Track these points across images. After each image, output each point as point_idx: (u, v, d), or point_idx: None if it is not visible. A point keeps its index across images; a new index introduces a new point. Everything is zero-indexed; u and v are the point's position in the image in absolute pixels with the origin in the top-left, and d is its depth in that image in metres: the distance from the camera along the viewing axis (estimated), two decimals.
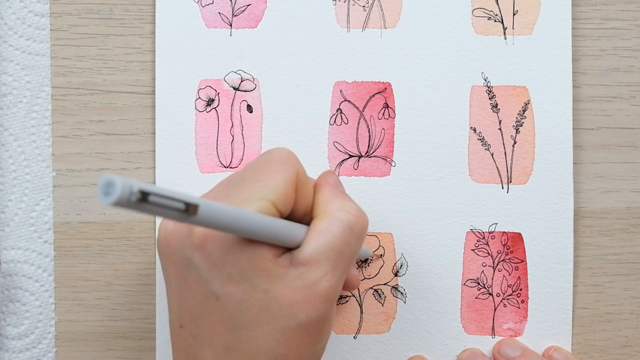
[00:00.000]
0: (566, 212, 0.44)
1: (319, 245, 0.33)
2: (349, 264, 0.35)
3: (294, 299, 0.33)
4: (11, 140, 0.44)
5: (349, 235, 0.34)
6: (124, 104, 0.44)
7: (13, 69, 0.44)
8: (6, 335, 0.44)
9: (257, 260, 0.32)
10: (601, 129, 0.45)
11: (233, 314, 0.33)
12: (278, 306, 0.32)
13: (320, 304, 0.33)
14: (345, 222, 0.34)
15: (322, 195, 0.36)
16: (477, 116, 0.45)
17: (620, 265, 0.45)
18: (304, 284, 0.33)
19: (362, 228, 0.35)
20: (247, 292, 0.32)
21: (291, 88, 0.44)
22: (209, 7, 0.44)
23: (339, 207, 0.35)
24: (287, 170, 0.34)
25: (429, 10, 0.45)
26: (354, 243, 0.35)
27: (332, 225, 0.34)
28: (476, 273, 0.45)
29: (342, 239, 0.34)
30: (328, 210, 0.35)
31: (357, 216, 0.35)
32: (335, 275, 0.34)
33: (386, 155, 0.45)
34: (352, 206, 0.35)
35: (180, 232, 0.34)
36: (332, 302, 0.34)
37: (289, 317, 0.33)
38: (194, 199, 0.27)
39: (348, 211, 0.35)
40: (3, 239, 0.44)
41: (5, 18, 0.44)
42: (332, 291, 0.34)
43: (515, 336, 0.44)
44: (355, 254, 0.35)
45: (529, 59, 0.45)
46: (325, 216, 0.35)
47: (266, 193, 0.33)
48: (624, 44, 0.45)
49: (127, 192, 0.24)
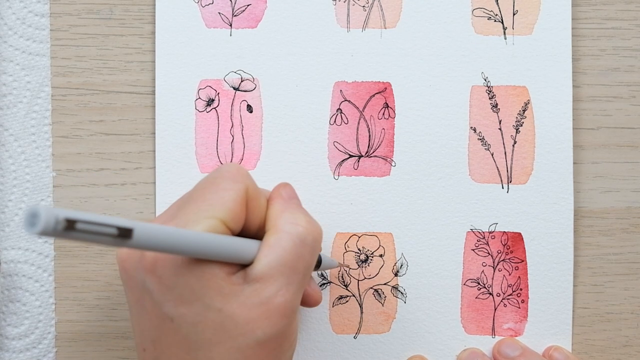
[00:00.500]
0: (566, 212, 0.44)
1: (270, 260, 0.33)
2: (304, 277, 0.34)
3: (249, 316, 0.32)
4: (11, 140, 0.44)
5: (301, 248, 0.34)
6: (124, 104, 0.44)
7: (13, 69, 0.44)
8: (6, 335, 0.44)
9: (207, 280, 0.32)
10: (601, 129, 0.45)
11: (188, 335, 0.33)
12: (233, 325, 0.32)
13: (278, 319, 0.33)
14: (295, 235, 0.34)
15: (272, 209, 0.36)
16: (477, 116, 0.45)
17: (620, 265, 0.45)
18: (259, 300, 0.33)
19: (314, 240, 0.35)
20: (201, 312, 0.32)
21: (291, 88, 0.44)
22: (209, 7, 0.44)
23: (289, 220, 0.35)
24: (235, 187, 0.34)
25: (429, 10, 0.45)
26: (307, 256, 0.34)
27: (281, 239, 0.34)
28: (476, 273, 0.45)
29: (294, 253, 0.34)
30: (278, 224, 0.35)
31: (307, 228, 0.35)
32: (291, 289, 0.33)
33: (386, 155, 0.45)
34: (303, 218, 0.35)
35: (134, 257, 0.34)
36: (290, 316, 0.34)
37: (246, 335, 0.32)
38: (128, 223, 0.27)
39: (298, 224, 0.34)
40: (3, 239, 0.44)
41: (5, 18, 0.44)
42: (289, 306, 0.33)
43: (515, 336, 0.44)
44: (310, 266, 0.35)
45: (529, 59, 0.45)
46: (275, 230, 0.34)
47: (214, 211, 0.33)
48: (624, 44, 0.45)
49: (52, 221, 0.24)
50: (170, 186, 0.44)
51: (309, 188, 0.44)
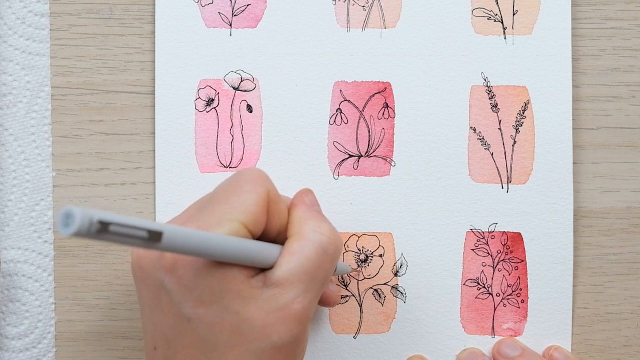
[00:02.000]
0: (566, 212, 0.44)
1: (291, 267, 0.33)
2: (322, 286, 0.35)
3: (266, 320, 0.33)
4: (11, 140, 0.44)
5: (322, 258, 0.34)
6: (124, 104, 0.44)
7: (13, 69, 0.44)
8: (6, 335, 0.44)
9: (228, 283, 0.32)
10: (601, 129, 0.45)
11: (205, 337, 0.33)
12: (250, 328, 0.32)
13: (294, 325, 0.33)
14: (319, 244, 0.34)
15: (296, 215, 0.36)
16: (477, 116, 0.45)
17: (620, 265, 0.45)
18: (277, 305, 0.33)
19: (335, 250, 0.35)
20: (219, 314, 0.32)
21: (291, 88, 0.44)
22: (209, 7, 0.44)
23: (313, 229, 0.35)
24: (257, 191, 0.34)
25: (429, 10, 0.45)
26: (328, 265, 0.35)
27: (305, 247, 0.34)
28: (476, 273, 0.45)
29: (315, 261, 0.34)
30: (302, 231, 0.35)
31: (331, 238, 0.35)
32: (308, 297, 0.34)
33: (386, 155, 0.45)
34: (327, 227, 0.35)
35: (152, 256, 0.34)
36: (306, 323, 0.34)
37: (262, 339, 0.32)
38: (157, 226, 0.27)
39: (322, 233, 0.35)
40: (3, 239, 0.44)
41: (5, 18, 0.44)
42: (305, 313, 0.34)
43: (515, 336, 0.44)
44: (329, 276, 0.35)
45: (529, 59, 0.45)
46: (299, 237, 0.35)
47: (236, 215, 0.33)
48: (624, 44, 0.45)
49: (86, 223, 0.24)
50: (170, 186, 0.44)
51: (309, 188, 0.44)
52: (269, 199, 0.35)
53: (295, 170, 0.44)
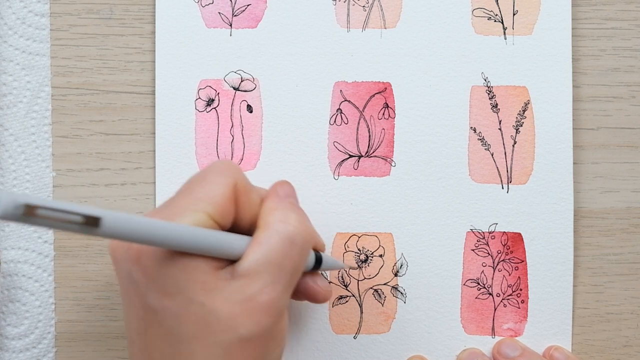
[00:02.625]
0: (566, 212, 0.44)
1: (257, 257, 0.33)
2: (291, 277, 0.34)
3: (232, 312, 0.32)
4: (11, 140, 0.44)
5: (289, 248, 0.34)
6: (124, 104, 0.44)
7: (13, 69, 0.44)
8: (6, 335, 0.44)
9: (191, 273, 0.32)
10: (601, 129, 0.45)
11: (171, 328, 0.32)
12: (216, 320, 0.32)
13: (261, 317, 0.32)
14: (284, 234, 0.34)
15: (265, 206, 0.36)
16: (477, 116, 0.45)
17: (620, 265, 0.45)
18: (243, 297, 0.32)
19: (304, 240, 0.34)
20: (183, 305, 0.32)
21: (291, 88, 0.44)
22: (209, 7, 0.44)
23: (280, 219, 0.34)
24: (224, 182, 0.34)
25: (429, 10, 0.45)
26: (296, 255, 0.34)
27: (271, 237, 0.34)
28: (476, 273, 0.45)
29: (282, 251, 0.33)
30: (268, 221, 0.34)
31: (298, 228, 0.34)
32: (277, 288, 0.33)
33: (386, 155, 0.45)
34: (294, 217, 0.34)
35: (123, 247, 0.34)
36: (275, 316, 0.33)
37: (228, 332, 0.32)
38: (96, 212, 0.27)
39: (289, 222, 0.34)
40: (3, 239, 0.44)
41: (5, 18, 0.44)
42: (274, 305, 0.33)
43: (515, 336, 0.44)
44: (299, 266, 0.35)
45: (529, 59, 0.45)
46: (265, 228, 0.34)
47: (201, 205, 0.33)
48: (624, 44, 0.45)
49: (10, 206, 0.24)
50: (170, 186, 0.44)
51: (309, 188, 0.44)
52: (236, 189, 0.34)
53: (295, 170, 0.44)
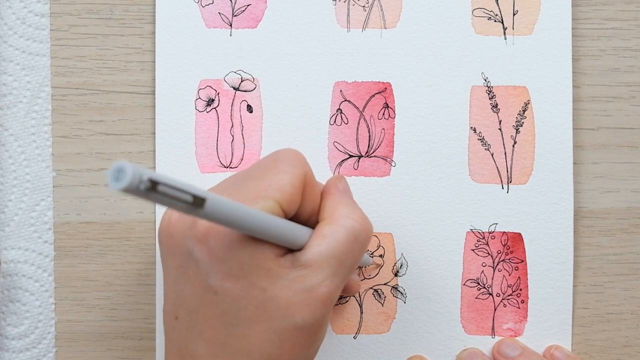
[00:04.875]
0: (566, 212, 0.44)
1: (321, 249, 0.33)
2: (349, 271, 0.35)
3: (291, 300, 0.33)
4: (11, 140, 0.44)
5: (353, 243, 0.34)
6: (124, 104, 0.44)
7: (13, 69, 0.44)
8: (6, 335, 0.44)
9: (258, 259, 0.32)
10: (601, 129, 0.45)
11: (229, 310, 0.33)
12: (275, 306, 0.33)
13: (318, 308, 0.33)
14: (350, 230, 0.34)
15: (330, 199, 0.36)
16: (477, 116, 0.45)
17: (620, 265, 0.45)
18: (304, 286, 0.33)
19: (366, 237, 0.35)
20: (245, 289, 0.32)
21: (291, 88, 0.44)
22: (209, 7, 0.44)
23: (346, 214, 0.35)
24: (294, 171, 0.34)
25: (429, 10, 0.45)
26: (357, 251, 0.35)
27: (336, 231, 0.34)
28: (476, 273, 0.45)
29: (345, 247, 0.34)
30: (334, 215, 0.35)
31: (363, 224, 0.35)
32: (335, 281, 0.34)
33: (386, 155, 0.45)
34: (359, 214, 0.35)
35: (184, 224, 0.34)
36: (329, 307, 0.34)
37: (285, 318, 0.33)
38: (202, 192, 0.27)
39: (354, 219, 0.35)
40: (3, 239, 0.44)
41: (5, 18, 0.44)
42: (330, 297, 0.34)
43: (515, 336, 0.44)
44: (357, 262, 0.35)
45: (529, 59, 0.45)
46: (331, 221, 0.35)
47: (272, 192, 0.33)
48: (624, 44, 0.45)
49: (136, 179, 0.24)
50: None
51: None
52: (305, 180, 0.35)
53: None
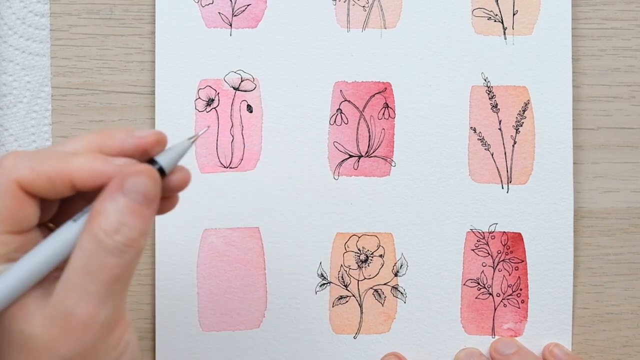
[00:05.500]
0: (566, 212, 0.44)
1: (74, 265, 0.30)
2: (110, 287, 0.30)
3: (51, 334, 0.29)
4: (11, 140, 0.44)
5: (103, 258, 0.29)
6: (124, 104, 0.44)
7: (13, 69, 0.44)
8: None
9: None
10: (601, 129, 0.45)
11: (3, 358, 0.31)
12: (35, 345, 0.30)
13: (81, 334, 0.30)
14: (96, 241, 0.30)
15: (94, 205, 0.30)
16: (477, 116, 0.45)
17: (620, 265, 0.45)
18: (60, 313, 0.29)
19: (120, 248, 0.30)
20: (2, 336, 0.30)
21: (291, 88, 0.44)
22: (209, 7, 0.44)
23: (96, 224, 0.30)
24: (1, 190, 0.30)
25: (429, 10, 0.45)
26: (113, 266, 0.30)
27: (82, 243, 0.30)
28: (476, 273, 0.45)
29: (95, 261, 0.29)
30: (90, 222, 0.30)
31: (112, 234, 0.30)
32: (92, 300, 0.29)
33: (386, 155, 0.45)
34: (115, 222, 0.30)
35: None
36: (96, 330, 0.30)
37: (50, 355, 0.30)
38: None
39: (105, 228, 0.30)
40: None
41: (5, 18, 0.44)
42: (92, 319, 0.30)
43: (515, 336, 0.44)
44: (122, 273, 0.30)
45: (529, 59, 0.45)
46: (85, 229, 0.30)
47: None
48: (624, 44, 0.45)
49: None
50: None
51: (309, 188, 0.44)
52: (22, 185, 0.30)
53: (295, 170, 0.44)
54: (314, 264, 0.44)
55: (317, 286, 0.44)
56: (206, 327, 0.44)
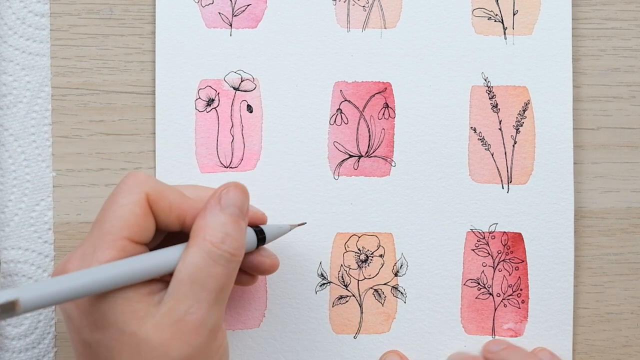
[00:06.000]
0: (566, 212, 0.44)
1: (181, 277, 0.33)
2: (217, 294, 0.33)
3: (163, 337, 0.32)
4: (11, 140, 0.44)
5: (211, 267, 0.33)
6: (124, 104, 0.44)
7: (13, 69, 0.44)
8: (6, 335, 0.44)
9: (120, 305, 0.32)
10: (601, 129, 0.45)
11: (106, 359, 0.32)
12: (148, 347, 0.32)
13: (191, 338, 0.32)
14: (207, 253, 0.33)
15: (200, 216, 0.34)
16: (477, 116, 0.45)
17: (620, 265, 0.45)
18: (172, 319, 0.32)
19: (228, 259, 0.33)
20: (115, 337, 0.32)
21: (291, 88, 0.44)
22: (209, 7, 0.44)
23: (204, 236, 0.33)
24: (133, 199, 0.33)
25: (429, 10, 0.45)
26: (220, 274, 0.33)
27: (192, 255, 0.33)
28: (476, 273, 0.45)
29: (204, 271, 0.33)
30: (195, 236, 0.34)
31: (221, 245, 0.33)
32: (203, 307, 0.32)
33: (386, 155, 0.45)
34: (220, 234, 0.33)
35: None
36: (206, 335, 0.33)
37: (161, 357, 0.32)
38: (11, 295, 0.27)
39: (212, 240, 0.33)
40: (3, 239, 0.44)
41: (5, 18, 0.44)
42: (202, 324, 0.33)
43: (515, 336, 0.44)
44: (225, 284, 0.34)
45: (529, 59, 0.45)
46: (191, 243, 0.33)
47: (116, 232, 0.33)
48: (624, 44, 0.45)
49: None
50: None
51: (309, 188, 0.44)
52: (149, 201, 0.34)
53: (295, 170, 0.44)
54: (314, 264, 0.44)
55: (317, 286, 0.44)
56: None
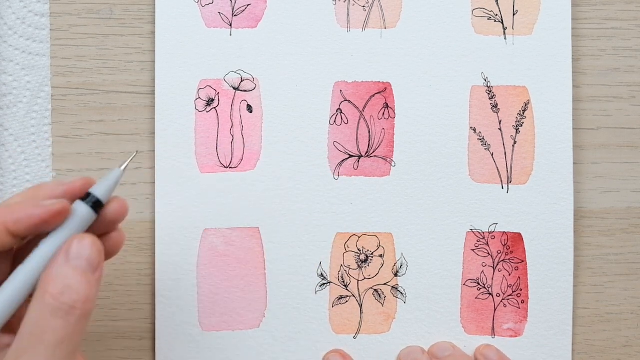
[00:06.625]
0: (566, 212, 0.44)
1: (23, 331, 0.30)
2: (55, 348, 0.30)
3: None
4: (11, 140, 0.44)
5: (48, 320, 0.30)
6: (124, 104, 0.44)
7: (13, 69, 0.44)
8: None
9: None
10: (601, 129, 0.45)
11: None
12: None
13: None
14: (46, 307, 0.30)
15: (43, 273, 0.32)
16: (477, 116, 0.45)
17: (620, 265, 0.45)
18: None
19: (66, 313, 0.30)
20: None
21: (291, 88, 0.44)
22: (209, 7, 0.44)
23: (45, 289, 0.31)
24: None
25: (429, 10, 0.45)
26: (59, 328, 0.30)
27: (33, 308, 0.30)
28: (476, 273, 0.45)
29: (41, 324, 0.30)
30: (39, 288, 0.31)
31: (60, 298, 0.31)
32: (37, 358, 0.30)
33: (386, 155, 0.45)
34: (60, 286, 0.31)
35: None
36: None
37: None
38: None
39: (52, 293, 0.30)
40: None
41: (5, 18, 0.44)
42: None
43: (515, 336, 0.44)
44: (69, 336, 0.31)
45: (529, 59, 0.45)
46: (35, 295, 0.31)
47: None
48: (624, 44, 0.45)
49: None
50: (170, 186, 0.44)
51: (309, 188, 0.44)
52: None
53: (295, 170, 0.44)
54: (314, 264, 0.44)
55: (317, 286, 0.44)
56: (206, 327, 0.44)
